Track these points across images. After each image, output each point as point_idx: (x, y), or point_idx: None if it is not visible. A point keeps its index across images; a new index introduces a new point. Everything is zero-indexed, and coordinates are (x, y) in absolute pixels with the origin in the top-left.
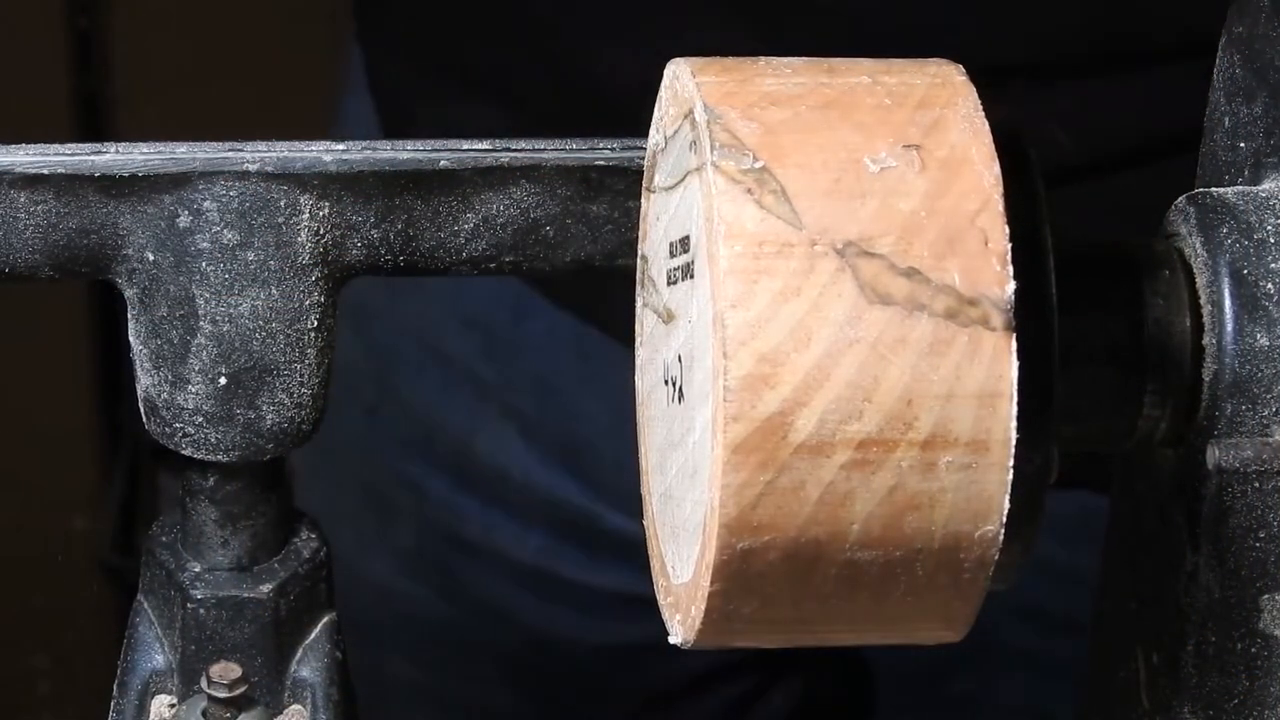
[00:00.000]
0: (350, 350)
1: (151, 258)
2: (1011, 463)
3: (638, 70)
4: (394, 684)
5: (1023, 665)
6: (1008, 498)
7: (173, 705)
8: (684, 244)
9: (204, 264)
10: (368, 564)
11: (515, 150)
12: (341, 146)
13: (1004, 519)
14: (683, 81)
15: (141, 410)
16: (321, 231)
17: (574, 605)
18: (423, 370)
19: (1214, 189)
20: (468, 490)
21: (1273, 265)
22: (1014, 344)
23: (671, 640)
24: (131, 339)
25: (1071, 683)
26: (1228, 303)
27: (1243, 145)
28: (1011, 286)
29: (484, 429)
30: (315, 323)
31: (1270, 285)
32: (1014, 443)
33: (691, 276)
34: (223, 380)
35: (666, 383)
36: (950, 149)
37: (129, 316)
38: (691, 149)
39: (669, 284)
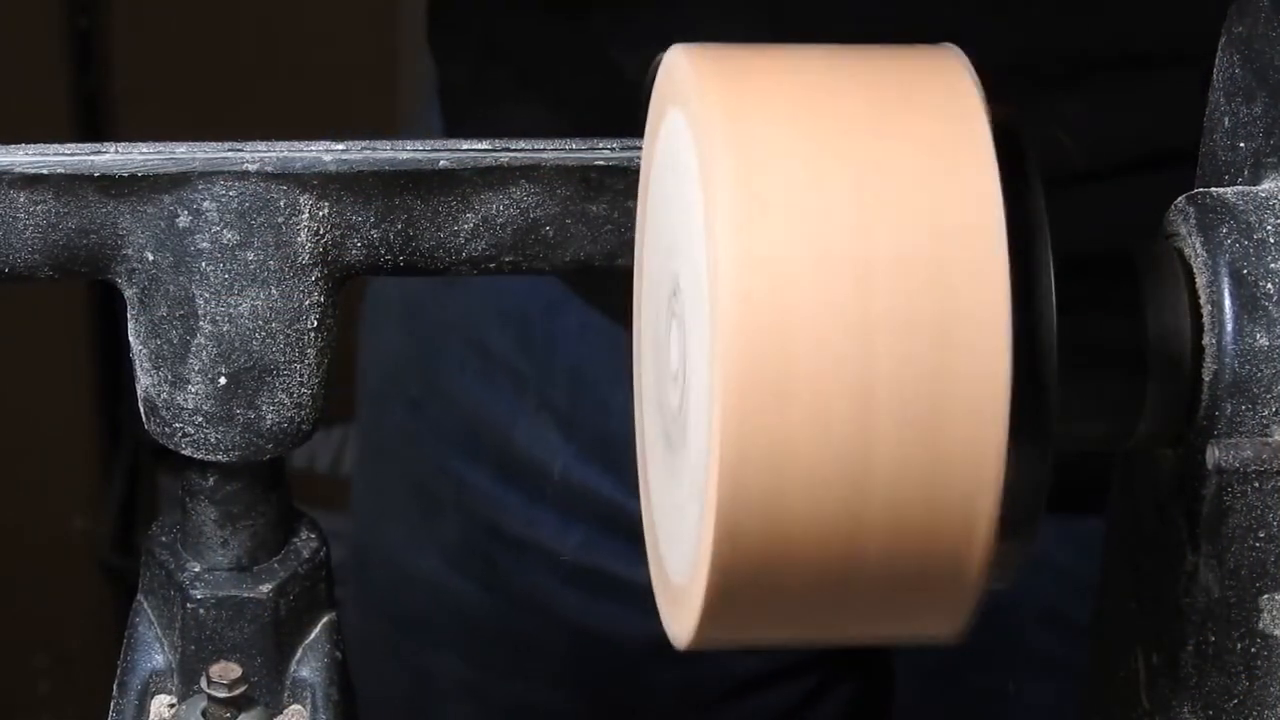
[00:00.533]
0: (397, 345)
1: (151, 258)
2: (1007, 434)
3: None
4: (441, 681)
5: (1046, 669)
6: (1004, 472)
7: (173, 705)
8: (675, 244)
9: (204, 264)
10: (415, 559)
11: (515, 150)
12: (341, 146)
13: (1001, 495)
14: (677, 69)
15: (141, 410)
16: (321, 231)
17: (617, 600)
18: (465, 364)
19: (1214, 189)
20: (509, 484)
21: (1272, 265)
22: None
23: (671, 639)
24: (131, 339)
25: None
26: (1228, 303)
27: (1243, 145)
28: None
29: (523, 423)
30: (315, 323)
31: (1270, 285)
32: (1009, 413)
33: (685, 273)
34: (222, 380)
35: (667, 362)
36: (948, 143)
37: (129, 316)
38: (684, 140)
39: (666, 278)
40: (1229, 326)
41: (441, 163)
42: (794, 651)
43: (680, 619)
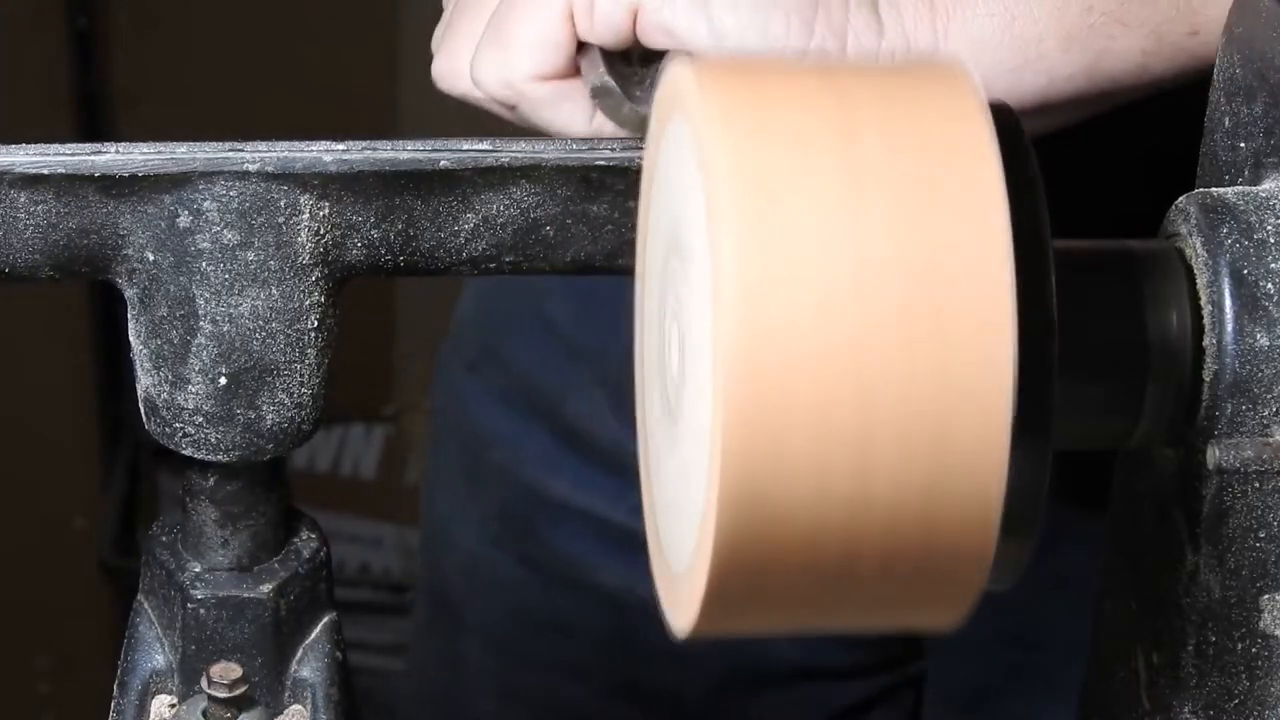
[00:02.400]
0: (464, 308)
1: (151, 258)
2: (1010, 422)
3: None
4: (470, 668)
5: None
6: (1006, 466)
7: (173, 705)
8: (677, 244)
9: (204, 264)
10: (458, 529)
11: (515, 150)
12: (341, 146)
13: (1004, 489)
14: (681, 77)
15: (141, 410)
16: (321, 231)
17: None
18: (526, 330)
19: (1214, 189)
20: (561, 447)
21: (1273, 265)
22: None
23: (672, 626)
24: (132, 339)
25: None
26: (1228, 303)
27: (1243, 145)
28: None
29: (576, 394)
30: (315, 323)
31: (1270, 285)
32: (1011, 406)
33: (686, 271)
34: (223, 380)
35: (666, 362)
36: (950, 142)
37: (129, 316)
38: (685, 140)
39: (667, 277)
40: (1229, 326)
41: (442, 163)
42: (837, 646)
43: (681, 608)
